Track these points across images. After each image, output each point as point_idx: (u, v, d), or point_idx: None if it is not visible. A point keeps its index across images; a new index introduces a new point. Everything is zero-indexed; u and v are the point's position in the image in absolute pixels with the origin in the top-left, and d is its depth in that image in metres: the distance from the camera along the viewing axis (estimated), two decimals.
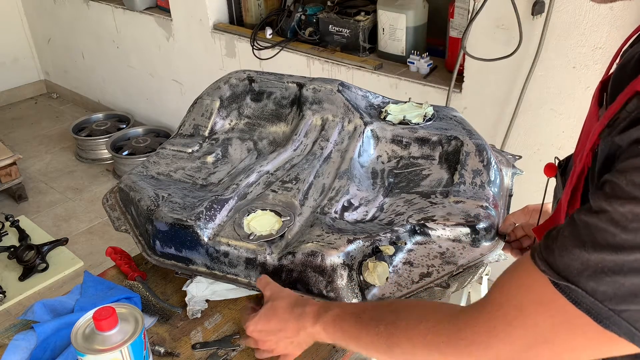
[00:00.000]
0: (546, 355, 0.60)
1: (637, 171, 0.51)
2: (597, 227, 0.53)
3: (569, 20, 1.75)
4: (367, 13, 2.47)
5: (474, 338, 0.64)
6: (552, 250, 0.57)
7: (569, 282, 0.55)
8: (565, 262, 0.55)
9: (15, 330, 1.08)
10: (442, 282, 1.01)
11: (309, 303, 0.88)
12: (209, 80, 1.59)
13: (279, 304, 0.90)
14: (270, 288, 0.95)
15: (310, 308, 0.86)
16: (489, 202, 1.12)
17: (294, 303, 0.89)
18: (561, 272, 0.56)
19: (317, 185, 1.20)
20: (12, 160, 3.12)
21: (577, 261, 0.54)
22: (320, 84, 1.37)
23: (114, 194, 1.33)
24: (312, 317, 0.85)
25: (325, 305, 0.86)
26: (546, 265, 0.57)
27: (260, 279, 0.99)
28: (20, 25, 4.43)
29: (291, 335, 0.88)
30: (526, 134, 2.00)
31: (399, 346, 0.73)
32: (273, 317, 0.89)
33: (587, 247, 0.54)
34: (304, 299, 0.90)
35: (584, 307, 0.54)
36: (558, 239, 0.57)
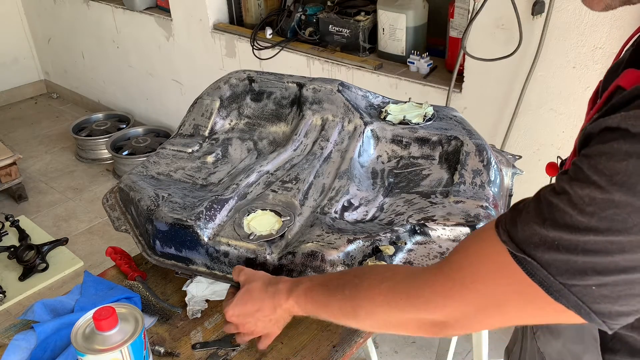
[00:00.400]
0: (497, 318, 0.64)
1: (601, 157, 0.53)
2: (557, 207, 0.56)
3: (569, 20, 1.75)
4: (367, 13, 2.47)
5: (431, 296, 0.68)
6: (516, 223, 0.60)
7: (526, 255, 0.58)
8: (525, 236, 0.58)
9: (15, 330, 1.08)
10: None
11: (282, 280, 0.91)
12: (209, 80, 1.59)
13: (253, 285, 0.93)
14: (244, 273, 0.97)
15: (282, 285, 0.89)
16: (489, 202, 1.12)
17: (267, 282, 0.92)
18: (520, 245, 0.59)
19: (317, 185, 1.20)
20: (12, 160, 3.12)
21: (536, 236, 0.57)
22: (320, 84, 1.37)
23: (114, 194, 1.33)
24: (285, 292, 0.88)
25: (296, 280, 0.89)
26: (507, 237, 0.60)
27: (235, 269, 1.00)
28: (20, 25, 4.43)
29: (268, 313, 0.90)
30: (526, 134, 2.00)
31: (362, 307, 0.76)
32: (249, 300, 0.92)
33: (546, 224, 0.56)
34: (276, 278, 0.93)
35: (537, 279, 0.57)
36: (522, 213, 0.60)
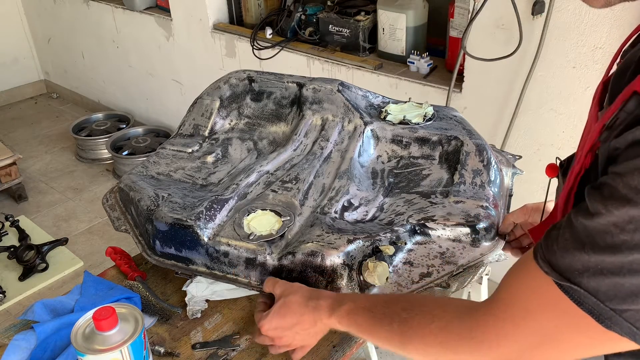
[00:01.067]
0: (552, 354, 0.62)
1: (634, 173, 0.51)
2: (595, 229, 0.54)
3: (569, 20, 1.75)
4: (367, 13, 2.47)
5: (484, 337, 0.66)
6: (554, 251, 0.58)
7: (572, 283, 0.56)
8: (566, 263, 0.56)
9: (15, 330, 1.08)
10: (442, 282, 1.01)
11: (322, 296, 0.89)
12: (209, 80, 1.59)
13: (292, 299, 0.91)
14: (279, 286, 0.96)
15: (324, 301, 0.88)
16: (489, 202, 1.12)
17: (308, 296, 0.90)
18: (563, 273, 0.57)
19: (317, 185, 1.20)
20: (12, 160, 3.12)
21: (578, 262, 0.55)
22: (320, 83, 1.37)
23: (114, 194, 1.33)
24: (327, 310, 0.87)
25: (338, 298, 0.88)
26: (549, 267, 0.58)
27: (267, 280, 0.99)
28: (20, 25, 4.43)
29: (308, 326, 0.89)
30: (526, 134, 2.00)
31: (412, 344, 0.75)
32: (287, 313, 0.90)
33: (586, 248, 0.55)
34: (316, 292, 0.92)
35: (586, 308, 0.55)
36: (559, 240, 0.58)
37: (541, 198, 0.99)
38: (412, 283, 1.02)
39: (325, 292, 0.91)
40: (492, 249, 1.06)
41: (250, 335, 1.06)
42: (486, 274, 1.29)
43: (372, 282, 1.00)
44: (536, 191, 1.98)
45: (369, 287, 1.01)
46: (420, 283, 1.02)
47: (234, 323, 1.09)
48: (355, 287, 1.00)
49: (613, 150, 0.55)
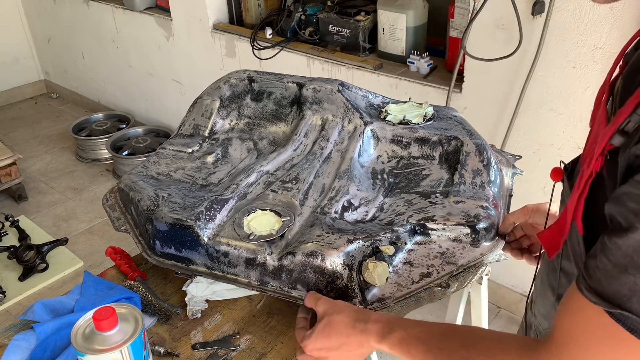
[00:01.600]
0: None
1: None
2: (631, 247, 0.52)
3: (569, 20, 1.75)
4: (367, 13, 2.47)
5: None
6: (598, 279, 0.56)
7: (622, 309, 0.54)
8: (613, 290, 0.54)
9: (15, 330, 1.08)
10: (442, 282, 1.01)
11: (371, 319, 0.85)
12: (209, 80, 1.59)
13: (337, 318, 0.87)
14: (322, 303, 0.91)
15: (373, 325, 0.84)
16: (489, 202, 1.12)
17: (355, 318, 0.86)
18: (612, 300, 0.55)
19: (317, 185, 1.20)
20: (12, 160, 3.12)
21: (624, 286, 0.53)
22: (320, 84, 1.37)
23: (114, 194, 1.33)
24: (376, 335, 0.83)
25: (388, 323, 0.84)
26: (596, 297, 0.56)
27: (309, 295, 0.95)
28: (20, 25, 4.43)
29: (354, 348, 0.85)
30: (526, 134, 2.00)
31: None
32: (333, 333, 0.86)
33: (629, 269, 0.53)
34: (363, 313, 0.87)
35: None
36: (599, 267, 0.56)
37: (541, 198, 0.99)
38: (412, 283, 1.02)
39: (373, 315, 0.86)
40: (492, 249, 1.06)
41: (251, 335, 1.06)
42: (486, 274, 1.29)
43: (372, 282, 1.00)
44: (536, 191, 1.99)
45: (369, 287, 1.01)
46: (420, 283, 1.02)
47: (234, 323, 1.09)
48: (355, 287, 1.00)
49: (634, 157, 0.54)
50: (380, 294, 1.01)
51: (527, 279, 2.32)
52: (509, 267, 1.05)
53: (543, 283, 0.86)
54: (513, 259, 1.11)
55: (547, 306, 0.84)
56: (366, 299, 1.00)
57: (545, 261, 0.88)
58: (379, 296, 1.00)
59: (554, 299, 0.81)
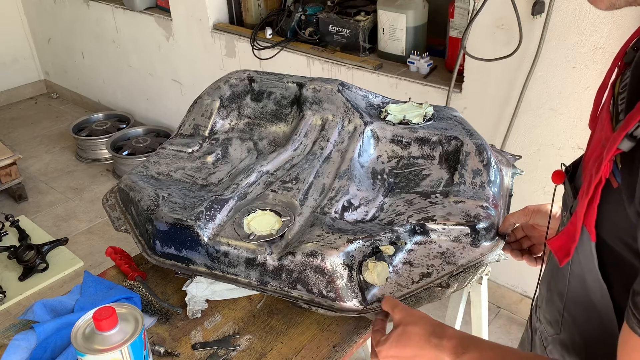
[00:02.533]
0: None
1: None
2: None
3: (569, 20, 1.75)
4: (367, 13, 2.47)
5: None
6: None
7: None
8: None
9: (15, 330, 1.08)
10: (442, 282, 1.01)
11: (447, 335, 0.84)
12: (209, 80, 1.59)
13: (413, 329, 0.86)
14: (399, 311, 0.90)
15: (447, 342, 0.83)
16: (489, 202, 1.12)
17: (431, 332, 0.85)
18: None
19: (317, 185, 1.20)
20: (12, 160, 3.12)
21: None
22: (320, 84, 1.37)
23: (114, 194, 1.33)
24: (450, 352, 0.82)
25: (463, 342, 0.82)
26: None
27: (386, 299, 0.95)
28: (20, 25, 4.43)
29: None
30: (526, 134, 2.00)
31: None
32: (408, 343, 0.86)
33: None
34: (440, 328, 0.86)
35: None
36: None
37: (541, 198, 0.99)
38: (412, 283, 1.02)
39: (449, 330, 0.85)
40: (492, 249, 1.06)
41: (251, 335, 1.06)
42: (486, 274, 1.29)
43: (372, 282, 1.00)
44: (536, 191, 1.99)
45: (369, 287, 1.01)
46: (420, 283, 1.02)
47: (234, 323, 1.09)
48: (355, 287, 1.00)
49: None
50: (380, 294, 1.01)
51: (527, 278, 2.33)
52: (509, 267, 1.05)
53: (549, 289, 0.85)
54: (513, 259, 1.11)
55: (554, 312, 0.83)
56: (366, 299, 1.00)
57: (551, 266, 0.87)
58: (379, 296, 1.01)
59: (561, 305, 0.80)
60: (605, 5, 0.60)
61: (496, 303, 2.36)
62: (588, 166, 0.70)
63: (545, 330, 0.87)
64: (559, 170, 0.82)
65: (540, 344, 0.87)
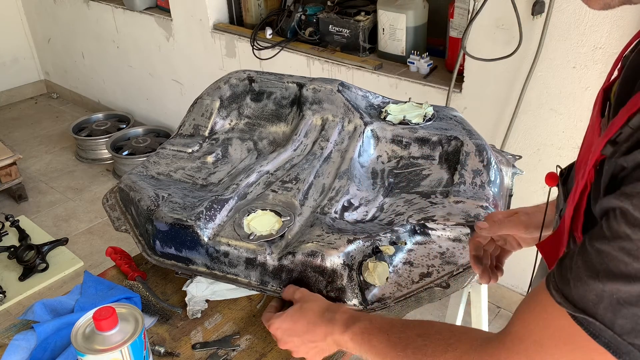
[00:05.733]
0: None
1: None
2: (609, 256, 0.51)
3: (569, 20, 1.75)
4: (367, 13, 2.47)
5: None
6: (568, 280, 0.56)
7: (587, 315, 0.54)
8: (580, 294, 0.54)
9: (15, 330, 1.08)
10: (442, 282, 1.01)
11: (339, 310, 0.88)
12: (209, 80, 1.59)
13: (309, 306, 0.90)
14: (300, 292, 0.95)
15: (340, 315, 0.86)
16: (489, 202, 1.12)
17: (325, 308, 0.89)
18: (577, 304, 0.54)
19: (317, 185, 1.20)
20: (12, 160, 3.12)
21: (592, 292, 0.53)
22: (320, 84, 1.37)
23: (114, 194, 1.33)
24: (342, 324, 0.85)
25: (354, 315, 0.86)
26: (562, 298, 0.56)
27: (288, 287, 0.98)
28: (20, 25, 4.43)
29: (318, 339, 0.88)
30: (526, 134, 2.00)
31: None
32: (301, 319, 0.89)
33: (600, 277, 0.52)
34: (334, 305, 0.90)
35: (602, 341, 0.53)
36: (572, 268, 0.56)
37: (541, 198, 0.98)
38: (412, 283, 1.02)
39: (343, 307, 0.89)
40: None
41: (251, 335, 1.06)
42: None
43: (372, 282, 1.00)
44: (536, 191, 1.98)
45: (369, 287, 1.01)
46: (420, 283, 1.02)
47: (234, 323, 1.09)
48: (355, 287, 1.00)
49: (620, 168, 0.53)
50: (380, 294, 1.01)
51: (527, 279, 2.32)
52: (509, 267, 1.05)
53: None
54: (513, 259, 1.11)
55: None
56: (366, 299, 1.00)
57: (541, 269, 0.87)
58: (379, 296, 1.01)
59: None
60: (600, 5, 0.60)
61: (496, 303, 2.36)
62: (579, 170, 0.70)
63: None
64: (552, 173, 0.82)
65: None
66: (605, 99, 0.68)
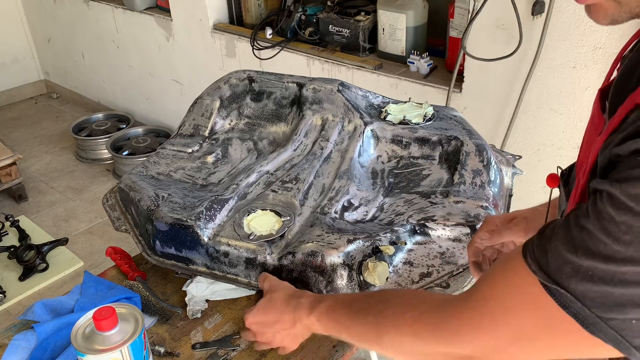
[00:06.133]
0: (528, 352, 0.61)
1: (635, 181, 0.50)
2: (590, 234, 0.53)
3: (569, 20, 1.75)
4: (367, 13, 2.47)
5: (458, 329, 0.65)
6: (545, 251, 0.57)
7: (559, 286, 0.55)
8: (556, 265, 0.55)
9: (15, 330, 1.08)
10: (442, 282, 1.01)
11: (305, 295, 0.89)
12: (209, 80, 1.59)
13: (276, 296, 0.92)
14: (268, 281, 0.96)
15: (305, 299, 0.88)
16: (489, 202, 1.12)
17: (291, 295, 0.91)
18: (552, 275, 0.55)
19: (317, 185, 1.20)
20: (12, 160, 3.12)
21: (569, 265, 0.54)
22: (320, 84, 1.37)
23: (114, 194, 1.33)
24: (307, 308, 0.86)
25: (319, 296, 0.88)
26: (537, 266, 0.57)
27: (260, 276, 1.00)
28: (20, 25, 4.43)
29: (287, 326, 0.89)
30: (526, 134, 2.00)
31: (387, 335, 0.73)
32: (270, 309, 0.91)
33: (579, 253, 0.53)
34: (300, 292, 0.92)
35: (571, 312, 0.54)
36: (551, 239, 0.56)
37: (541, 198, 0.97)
38: (412, 283, 1.02)
39: (308, 292, 0.91)
40: None
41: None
42: None
43: (372, 282, 1.00)
44: (536, 191, 1.98)
45: (369, 287, 1.01)
46: (420, 283, 1.02)
47: (234, 323, 1.09)
48: (355, 287, 1.00)
49: (615, 156, 0.54)
50: None
51: None
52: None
53: None
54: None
55: None
56: None
57: None
58: None
59: None
60: (607, 21, 0.60)
61: None
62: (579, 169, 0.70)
63: None
64: (553, 174, 0.82)
65: None
66: (603, 98, 0.68)
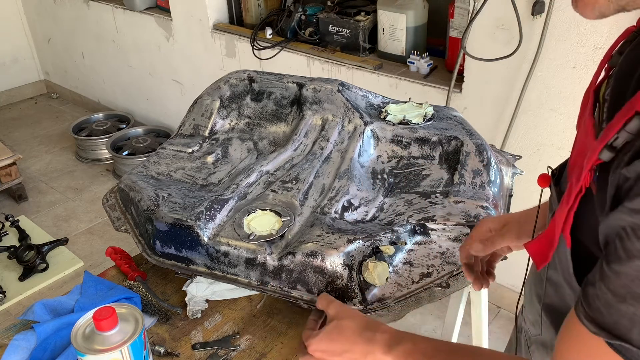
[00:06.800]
0: None
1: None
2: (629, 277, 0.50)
3: (569, 20, 1.75)
4: (367, 13, 2.47)
5: None
6: (597, 308, 0.54)
7: (623, 341, 0.52)
8: (613, 320, 0.53)
9: (15, 330, 1.08)
10: (442, 282, 1.01)
11: (380, 329, 0.83)
12: (209, 80, 1.59)
13: (346, 324, 0.85)
14: (334, 307, 0.89)
15: (381, 335, 0.82)
16: (489, 202, 1.12)
17: (364, 326, 0.84)
18: (612, 331, 0.53)
19: (317, 185, 1.20)
20: (12, 160, 3.12)
21: (625, 317, 0.52)
22: (320, 84, 1.37)
23: (114, 194, 1.33)
24: (383, 345, 0.81)
25: (397, 336, 0.82)
26: (596, 327, 0.55)
27: (321, 297, 0.93)
28: (20, 25, 4.43)
29: (358, 357, 0.83)
30: (526, 134, 2.00)
31: None
32: (338, 338, 0.85)
33: (628, 299, 0.51)
34: (374, 323, 0.86)
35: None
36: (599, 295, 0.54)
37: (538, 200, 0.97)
38: (412, 283, 1.02)
39: (383, 326, 0.84)
40: None
41: (251, 335, 1.06)
42: None
43: (372, 282, 1.00)
44: (536, 191, 1.98)
45: (369, 287, 1.01)
46: (420, 283, 1.02)
47: (234, 323, 1.09)
48: (355, 287, 1.00)
49: (624, 180, 0.52)
50: (380, 294, 1.01)
51: None
52: (509, 267, 1.05)
53: (530, 291, 0.85)
54: (513, 259, 1.11)
55: (534, 313, 0.83)
56: (366, 299, 1.00)
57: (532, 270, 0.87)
58: (379, 296, 1.00)
59: (539, 307, 0.80)
60: (595, 15, 0.59)
61: (496, 303, 2.36)
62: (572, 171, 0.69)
63: (529, 330, 0.87)
64: (544, 174, 0.81)
65: (525, 344, 0.87)
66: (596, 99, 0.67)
